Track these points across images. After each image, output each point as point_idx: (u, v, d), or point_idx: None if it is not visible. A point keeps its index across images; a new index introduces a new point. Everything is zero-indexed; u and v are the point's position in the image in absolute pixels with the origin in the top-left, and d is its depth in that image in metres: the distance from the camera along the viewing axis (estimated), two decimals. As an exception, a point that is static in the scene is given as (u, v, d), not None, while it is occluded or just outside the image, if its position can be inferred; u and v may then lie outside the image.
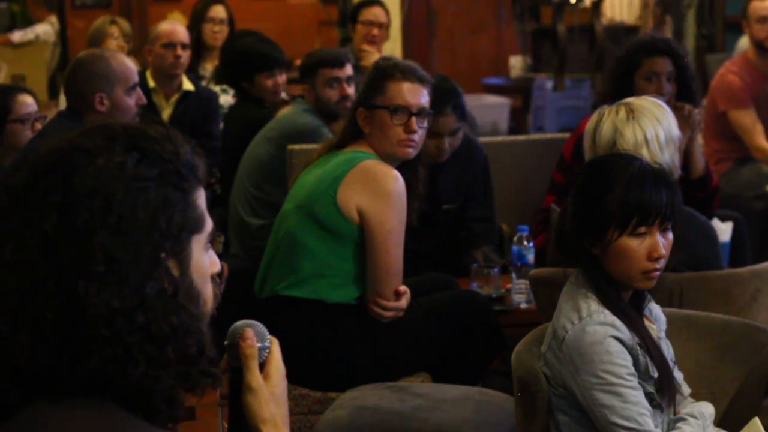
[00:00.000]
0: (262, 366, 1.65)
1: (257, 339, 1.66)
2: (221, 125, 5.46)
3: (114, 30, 6.03)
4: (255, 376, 1.63)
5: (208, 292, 1.47)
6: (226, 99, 5.70)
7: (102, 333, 1.34)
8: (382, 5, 6.38)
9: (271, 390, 1.63)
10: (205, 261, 1.46)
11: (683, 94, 4.19)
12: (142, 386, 1.37)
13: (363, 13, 6.26)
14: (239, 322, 1.70)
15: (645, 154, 3.00)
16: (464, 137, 4.11)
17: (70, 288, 1.34)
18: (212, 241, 1.49)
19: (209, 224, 1.47)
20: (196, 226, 1.44)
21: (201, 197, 1.46)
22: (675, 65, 4.18)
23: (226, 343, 1.68)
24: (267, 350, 1.66)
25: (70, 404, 1.36)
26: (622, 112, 3.11)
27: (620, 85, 4.14)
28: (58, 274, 1.34)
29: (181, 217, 1.41)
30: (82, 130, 1.44)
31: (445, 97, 3.90)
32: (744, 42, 6.80)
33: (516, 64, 8.40)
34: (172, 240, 1.40)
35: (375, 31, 6.18)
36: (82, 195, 1.36)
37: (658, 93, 4.08)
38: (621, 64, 4.24)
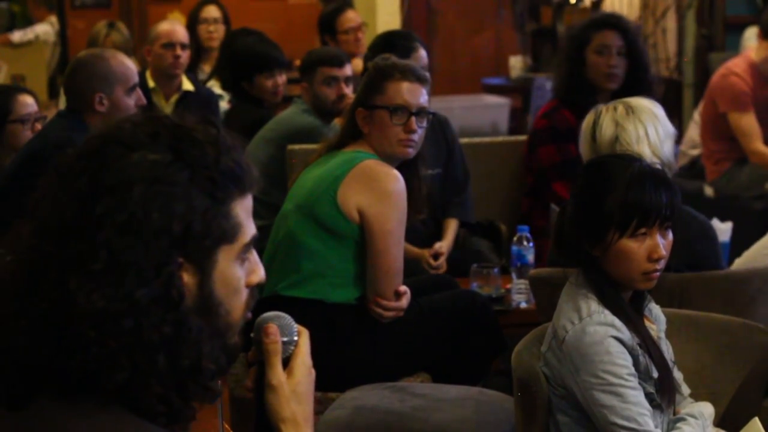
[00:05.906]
0: (288, 360, 1.59)
1: (284, 333, 1.60)
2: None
3: (113, 36, 6.02)
4: (276, 373, 1.57)
5: (233, 303, 1.43)
6: (222, 105, 5.67)
7: (87, 333, 1.32)
8: (351, 5, 6.27)
9: (293, 387, 1.57)
10: (236, 272, 1.42)
11: (636, 69, 4.19)
12: (131, 390, 1.34)
13: (340, 23, 6.08)
14: (267, 314, 1.63)
15: (646, 147, 3.02)
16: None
17: (65, 283, 1.32)
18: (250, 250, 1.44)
19: (246, 235, 1.42)
20: (225, 236, 1.39)
21: (240, 207, 1.41)
22: (625, 40, 4.18)
23: (252, 335, 1.62)
24: (294, 344, 1.61)
25: (75, 401, 1.35)
26: (621, 109, 3.12)
27: (572, 63, 4.14)
28: (61, 267, 1.33)
29: (203, 226, 1.36)
30: (135, 120, 1.40)
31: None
32: (749, 37, 6.74)
33: (516, 64, 8.40)
34: (189, 247, 1.35)
35: (360, 35, 6.10)
36: (105, 188, 1.34)
37: (609, 65, 4.13)
38: (572, 42, 4.25)
